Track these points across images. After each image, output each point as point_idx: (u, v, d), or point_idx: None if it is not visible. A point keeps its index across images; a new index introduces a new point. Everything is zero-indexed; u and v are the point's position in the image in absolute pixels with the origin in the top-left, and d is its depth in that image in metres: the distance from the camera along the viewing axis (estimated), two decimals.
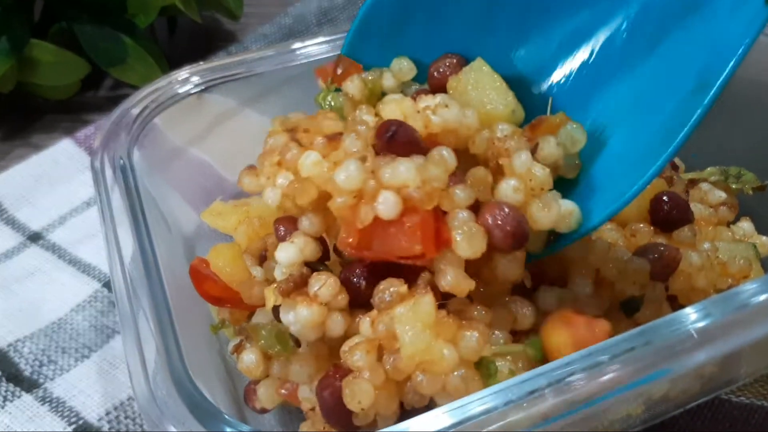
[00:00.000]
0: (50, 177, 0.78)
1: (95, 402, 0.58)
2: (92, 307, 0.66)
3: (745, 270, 0.51)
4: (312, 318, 0.41)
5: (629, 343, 0.39)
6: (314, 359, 0.43)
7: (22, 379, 0.60)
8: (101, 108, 0.90)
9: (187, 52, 0.97)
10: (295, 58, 0.63)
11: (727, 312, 0.41)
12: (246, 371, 0.46)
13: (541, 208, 0.42)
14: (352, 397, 0.39)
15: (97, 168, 0.52)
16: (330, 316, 0.42)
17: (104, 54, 0.85)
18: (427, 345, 0.39)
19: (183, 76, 0.60)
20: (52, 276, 0.69)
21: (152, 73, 0.84)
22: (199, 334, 0.53)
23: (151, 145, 0.57)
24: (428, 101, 0.46)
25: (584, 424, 0.44)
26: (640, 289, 0.48)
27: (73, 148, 0.81)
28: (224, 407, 0.43)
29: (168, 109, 0.59)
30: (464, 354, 0.40)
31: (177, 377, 0.39)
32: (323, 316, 0.41)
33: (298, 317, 0.41)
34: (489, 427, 0.36)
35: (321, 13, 1.00)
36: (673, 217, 0.52)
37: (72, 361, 0.62)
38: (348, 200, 0.41)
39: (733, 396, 0.53)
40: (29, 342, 0.63)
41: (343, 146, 0.44)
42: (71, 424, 0.57)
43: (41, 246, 0.72)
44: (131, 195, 0.50)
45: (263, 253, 0.49)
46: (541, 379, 0.38)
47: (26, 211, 0.75)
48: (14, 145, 0.86)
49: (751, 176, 0.59)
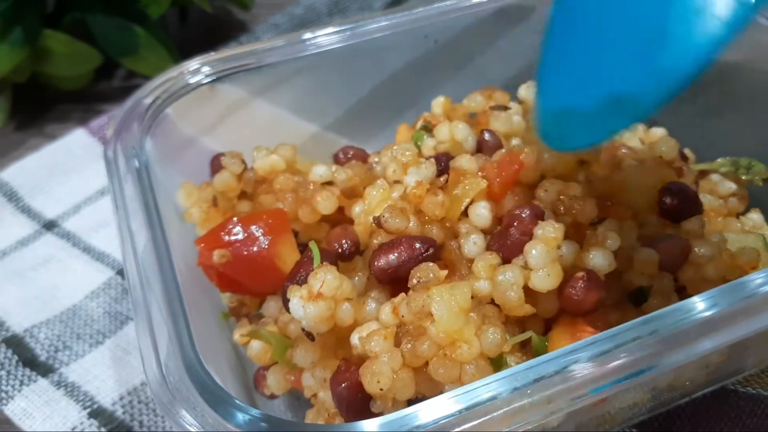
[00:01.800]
0: (64, 166, 0.79)
1: (109, 387, 0.60)
2: (106, 294, 0.67)
3: (753, 261, 0.51)
4: (320, 313, 0.42)
5: (635, 332, 0.39)
6: (319, 347, 0.44)
7: (38, 364, 0.62)
8: (114, 98, 0.91)
9: (199, 42, 0.97)
10: (306, 49, 0.63)
11: (733, 302, 0.41)
12: (255, 358, 0.47)
13: None
14: (372, 378, 0.40)
15: (110, 158, 0.53)
16: (338, 307, 0.42)
17: (116, 44, 0.85)
18: (460, 326, 0.40)
19: (194, 66, 0.61)
20: (67, 264, 0.70)
21: (164, 64, 0.84)
22: (211, 321, 0.54)
23: (163, 135, 0.58)
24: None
25: (590, 412, 0.45)
26: (649, 279, 0.48)
27: (86, 138, 0.82)
28: (235, 392, 0.44)
29: (180, 99, 0.60)
30: (486, 348, 0.41)
31: (188, 363, 0.39)
32: (331, 309, 0.42)
33: (307, 314, 0.42)
34: (495, 412, 0.37)
35: (332, 4, 1.00)
36: (682, 208, 0.52)
37: (86, 346, 0.63)
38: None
39: (740, 386, 0.53)
40: (45, 328, 0.64)
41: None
42: (86, 408, 0.58)
43: (56, 234, 0.73)
44: (143, 184, 0.51)
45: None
46: (548, 366, 0.38)
47: (41, 200, 0.76)
48: (29, 134, 0.87)
49: (761, 167, 0.59)
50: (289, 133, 0.67)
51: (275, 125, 0.68)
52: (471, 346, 0.40)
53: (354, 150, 0.59)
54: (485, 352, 0.41)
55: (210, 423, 0.37)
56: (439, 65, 0.69)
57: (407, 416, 0.36)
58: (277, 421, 0.37)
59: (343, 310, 0.42)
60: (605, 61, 0.41)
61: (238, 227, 0.50)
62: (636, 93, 0.39)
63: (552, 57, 0.45)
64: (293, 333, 0.47)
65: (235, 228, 0.50)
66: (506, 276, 0.43)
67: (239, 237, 0.50)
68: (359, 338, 0.42)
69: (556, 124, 0.45)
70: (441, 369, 0.40)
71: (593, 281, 0.44)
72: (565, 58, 0.44)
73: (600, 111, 0.41)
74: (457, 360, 0.40)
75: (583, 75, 0.43)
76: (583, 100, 0.42)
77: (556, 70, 0.45)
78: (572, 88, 0.43)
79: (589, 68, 0.42)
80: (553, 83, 0.45)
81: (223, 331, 0.55)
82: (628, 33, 0.40)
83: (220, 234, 0.51)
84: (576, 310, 0.44)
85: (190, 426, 0.37)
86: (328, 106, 0.70)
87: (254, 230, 0.50)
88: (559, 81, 0.45)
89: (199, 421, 0.37)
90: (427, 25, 0.66)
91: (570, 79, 0.44)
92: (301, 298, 0.42)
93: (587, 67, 0.42)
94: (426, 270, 0.43)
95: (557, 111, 0.44)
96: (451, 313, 0.40)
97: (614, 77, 0.40)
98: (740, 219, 0.57)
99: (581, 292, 0.43)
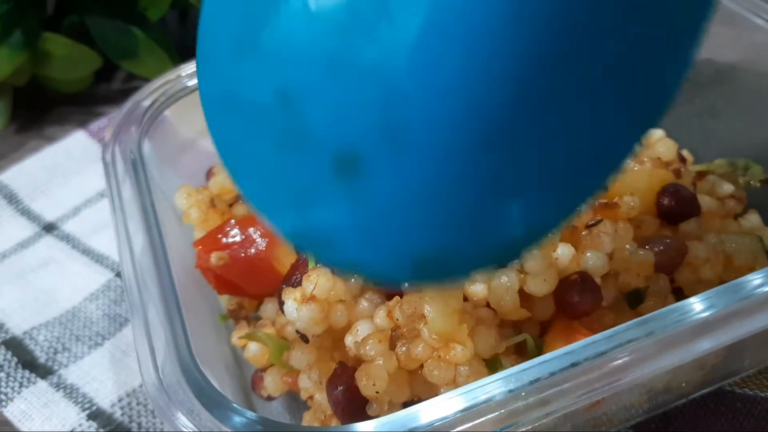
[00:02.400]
0: (64, 168, 0.80)
1: (108, 388, 0.60)
2: (105, 296, 0.67)
3: (750, 262, 0.51)
4: (313, 315, 0.42)
5: (631, 333, 0.39)
6: (315, 348, 0.44)
7: (37, 365, 0.62)
8: (114, 100, 0.91)
9: None
10: None
11: (730, 302, 0.41)
12: (253, 360, 0.47)
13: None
14: (368, 381, 0.40)
15: (108, 161, 0.53)
16: (332, 309, 0.42)
17: (115, 47, 0.85)
18: (453, 327, 0.40)
19: (193, 68, 0.61)
20: (66, 266, 0.70)
21: (163, 66, 0.84)
22: (208, 323, 0.54)
23: (161, 138, 0.58)
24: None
25: (586, 413, 0.45)
26: (645, 281, 0.48)
27: (86, 140, 0.82)
28: (232, 394, 0.44)
29: (178, 101, 0.60)
30: (480, 349, 0.41)
31: (184, 366, 0.40)
32: (324, 311, 0.42)
33: (300, 316, 0.42)
34: (491, 414, 0.37)
35: None
36: (679, 209, 0.52)
37: (85, 348, 0.63)
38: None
39: (737, 387, 0.53)
40: (44, 330, 0.64)
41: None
42: (85, 409, 0.58)
43: (56, 236, 0.73)
44: (141, 187, 0.51)
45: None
46: (544, 368, 0.38)
47: (41, 202, 0.76)
48: (29, 137, 0.87)
49: (759, 169, 0.59)
50: None
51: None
52: (465, 347, 0.40)
53: None
54: (479, 353, 0.41)
55: (206, 426, 0.37)
56: None
57: (402, 418, 0.36)
58: (272, 424, 0.37)
59: (336, 311, 0.43)
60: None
61: (236, 229, 0.51)
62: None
63: None
64: (290, 335, 0.47)
65: (232, 230, 0.51)
66: (502, 280, 0.43)
67: (237, 239, 0.50)
68: (354, 342, 0.42)
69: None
70: (435, 371, 0.40)
71: (588, 284, 0.44)
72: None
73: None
74: (451, 362, 0.40)
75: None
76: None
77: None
78: None
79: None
80: None
81: (221, 333, 0.55)
82: None
83: (218, 236, 0.51)
84: (571, 314, 0.44)
85: (187, 429, 0.37)
86: None
87: (252, 232, 0.50)
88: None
89: (196, 424, 0.37)
90: None
91: None
92: (295, 300, 0.42)
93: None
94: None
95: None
96: (443, 315, 0.40)
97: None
98: (738, 220, 0.57)
99: (577, 295, 0.43)
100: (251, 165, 0.28)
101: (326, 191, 0.26)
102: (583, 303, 0.44)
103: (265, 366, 0.48)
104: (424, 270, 0.27)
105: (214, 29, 0.30)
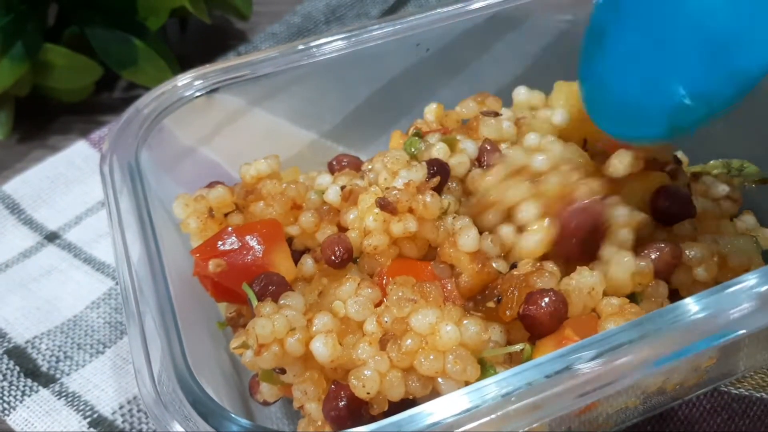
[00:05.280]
0: (66, 178, 0.80)
1: (109, 396, 0.60)
2: (106, 305, 0.68)
3: (745, 263, 0.51)
4: (271, 360, 0.43)
5: (625, 335, 0.40)
6: (301, 363, 0.44)
7: (40, 374, 0.62)
8: (115, 109, 0.92)
9: (198, 52, 0.98)
10: (300, 59, 0.64)
11: (724, 303, 0.41)
12: (249, 365, 0.47)
13: None
14: (359, 382, 0.41)
15: (106, 172, 0.53)
16: (286, 341, 0.43)
17: (116, 57, 0.86)
18: (434, 322, 0.42)
19: (190, 78, 0.61)
20: (68, 274, 0.71)
21: (163, 75, 0.85)
22: (206, 331, 0.54)
23: (159, 147, 0.58)
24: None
25: (581, 416, 0.45)
26: (644, 288, 0.48)
27: (87, 150, 0.83)
28: (230, 400, 0.44)
29: (176, 110, 0.60)
30: (465, 337, 0.42)
31: (180, 375, 0.40)
32: (281, 350, 0.43)
33: (260, 363, 0.43)
34: (484, 418, 0.37)
35: (329, 12, 1.01)
36: (674, 210, 0.52)
37: (87, 356, 0.64)
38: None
39: (732, 388, 0.53)
40: (46, 338, 0.65)
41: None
42: (86, 417, 0.59)
43: (58, 245, 0.74)
44: (138, 197, 0.51)
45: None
46: (537, 371, 0.38)
47: (43, 212, 0.77)
48: (31, 146, 0.88)
49: (754, 169, 0.59)
50: (287, 141, 0.68)
51: (272, 134, 0.68)
52: (447, 335, 0.41)
53: (348, 158, 0.60)
54: (465, 341, 0.41)
55: None
56: (434, 72, 0.70)
57: (397, 422, 0.37)
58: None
59: (290, 342, 0.42)
60: (670, 60, 0.43)
61: (233, 237, 0.51)
62: (708, 93, 0.41)
63: (608, 52, 0.47)
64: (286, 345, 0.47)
65: (230, 238, 0.51)
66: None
67: (234, 246, 0.51)
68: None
69: (616, 117, 0.47)
70: (424, 360, 0.41)
71: (558, 300, 0.44)
72: (623, 56, 0.46)
73: (666, 108, 0.43)
74: (439, 349, 0.41)
75: (645, 74, 0.44)
76: (646, 97, 0.44)
77: (613, 64, 0.47)
78: (632, 84, 0.45)
79: (651, 67, 0.44)
80: (609, 77, 0.47)
81: (219, 341, 0.55)
82: (695, 36, 0.42)
83: (216, 244, 0.51)
84: (539, 331, 0.45)
85: None
86: (325, 115, 0.70)
87: (249, 239, 0.51)
88: (615, 76, 0.47)
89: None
90: (420, 33, 0.66)
91: (629, 77, 0.46)
92: (250, 349, 0.42)
93: (648, 66, 0.44)
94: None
95: (617, 104, 0.47)
96: (425, 311, 0.41)
97: (682, 77, 0.42)
98: (734, 221, 0.57)
99: (543, 309, 0.44)
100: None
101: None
102: (550, 320, 0.44)
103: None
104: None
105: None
